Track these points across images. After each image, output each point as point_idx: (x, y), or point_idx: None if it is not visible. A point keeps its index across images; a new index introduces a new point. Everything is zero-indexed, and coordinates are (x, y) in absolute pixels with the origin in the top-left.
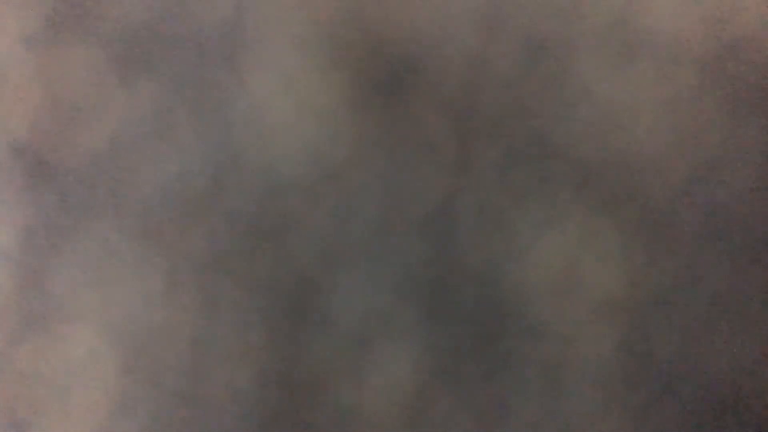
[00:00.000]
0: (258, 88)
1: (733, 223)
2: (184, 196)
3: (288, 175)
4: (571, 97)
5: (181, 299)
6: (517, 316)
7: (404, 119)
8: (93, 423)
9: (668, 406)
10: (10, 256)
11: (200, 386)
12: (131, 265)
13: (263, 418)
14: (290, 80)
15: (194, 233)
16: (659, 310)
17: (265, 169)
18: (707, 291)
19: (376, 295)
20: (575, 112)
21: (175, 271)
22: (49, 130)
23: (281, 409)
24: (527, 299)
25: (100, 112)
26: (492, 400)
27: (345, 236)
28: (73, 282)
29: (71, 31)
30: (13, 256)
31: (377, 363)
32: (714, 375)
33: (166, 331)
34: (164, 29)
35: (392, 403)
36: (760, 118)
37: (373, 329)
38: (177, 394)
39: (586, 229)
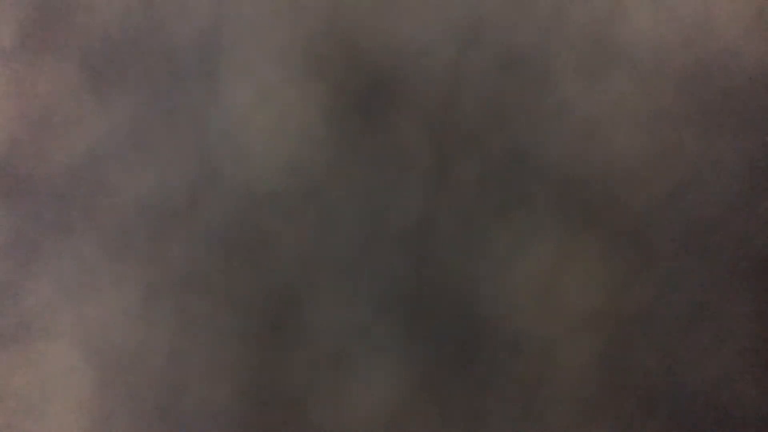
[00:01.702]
0: (235, 101)
1: (713, 234)
2: (161, 210)
3: (266, 189)
4: (550, 111)
5: (158, 315)
6: (497, 329)
7: (383, 132)
8: None
9: (650, 419)
10: None
11: (177, 403)
12: (107, 281)
13: None
14: (268, 93)
15: (171, 248)
16: (640, 322)
17: (243, 183)
18: (688, 303)
19: (356, 310)
20: (554, 125)
21: (151, 287)
22: (23, 143)
23: (260, 426)
24: (507, 313)
25: (76, 125)
26: (473, 414)
27: (324, 251)
28: (48, 298)
29: (45, 44)
30: None
31: (357, 378)
32: (695, 387)
33: (143, 347)
34: (140, 42)
35: (372, 418)
36: (739, 130)
37: (353, 344)
38: (154, 410)
39: (566, 242)
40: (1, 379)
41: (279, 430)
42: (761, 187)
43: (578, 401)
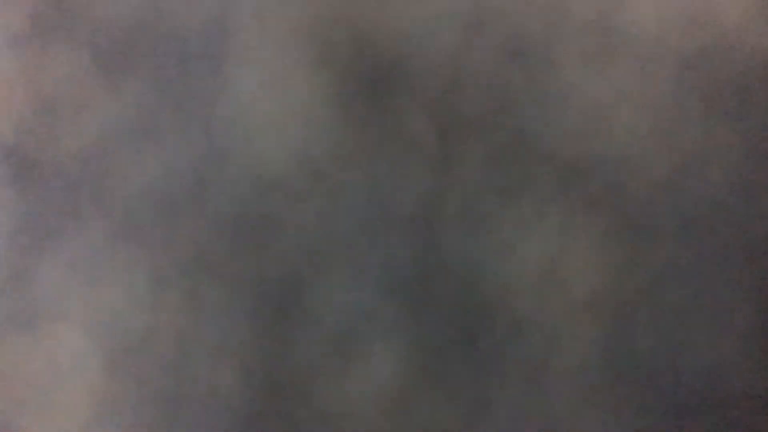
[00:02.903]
0: (242, 87)
1: (713, 219)
2: (169, 196)
3: (272, 174)
4: (552, 97)
5: (166, 299)
6: (500, 313)
7: (388, 118)
8: (77, 423)
9: (650, 401)
10: None
11: (185, 386)
12: (116, 265)
13: (248, 417)
14: (275, 80)
15: (179, 233)
16: (641, 306)
17: (250, 168)
18: (688, 287)
19: (361, 293)
20: (557, 111)
21: (159, 271)
22: (33, 130)
23: (265, 408)
24: (510, 296)
25: (85, 111)
26: (476, 396)
27: (329, 235)
28: (58, 282)
29: (56, 31)
30: None
31: (361, 361)
32: (696, 370)
33: (151, 331)
34: (148, 29)
35: (376, 400)
36: (739, 116)
37: (358, 327)
38: (161, 393)
39: (569, 226)
40: (12, 362)
41: (285, 413)
42: (762, 172)
43: (580, 385)
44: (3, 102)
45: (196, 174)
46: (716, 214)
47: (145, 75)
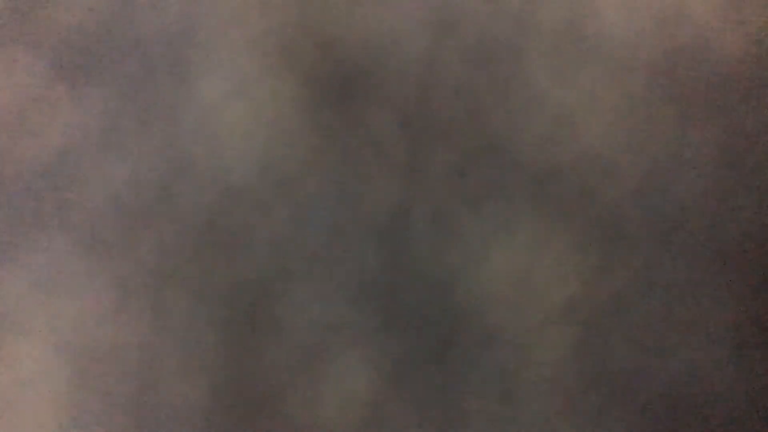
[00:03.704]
0: (207, 94)
1: (687, 224)
2: (134, 206)
3: (240, 182)
4: (522, 103)
5: (132, 311)
6: (472, 322)
7: (356, 125)
8: None
9: (625, 410)
10: None
11: (152, 399)
12: (80, 277)
13: (217, 431)
14: (240, 86)
15: (144, 244)
16: (614, 313)
17: (217, 176)
18: (662, 294)
19: (331, 303)
20: (527, 117)
21: (125, 282)
22: None
23: (235, 421)
24: (483, 305)
25: (48, 121)
26: (449, 407)
27: (298, 244)
28: (21, 294)
29: (17, 38)
30: None
31: (332, 372)
32: (670, 377)
33: (117, 344)
34: (112, 36)
35: (348, 412)
36: (710, 121)
37: (328, 338)
38: (128, 406)
39: (541, 234)
40: None
41: (254, 424)
42: (735, 176)
43: (554, 392)
44: None
45: (161, 183)
46: (690, 219)
47: (108, 84)
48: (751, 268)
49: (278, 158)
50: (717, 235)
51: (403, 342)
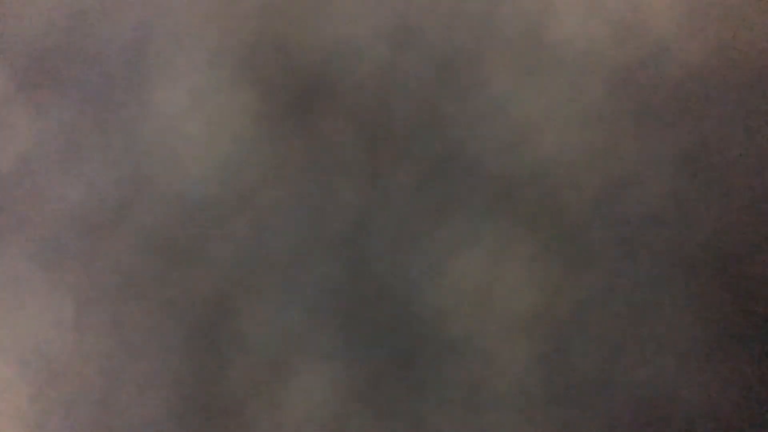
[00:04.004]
0: (166, 107)
1: (648, 233)
2: (93, 218)
3: (199, 195)
4: (483, 111)
5: (92, 325)
6: (435, 334)
7: (317, 136)
8: None
9: (590, 421)
10: None
11: (113, 414)
12: (40, 290)
13: None
14: (199, 99)
15: (104, 257)
16: (577, 324)
17: (175, 189)
18: (624, 303)
19: (293, 317)
20: (488, 126)
21: (84, 296)
22: None
23: None
24: (445, 317)
25: (7, 133)
26: (412, 420)
27: (258, 257)
28: None
29: None
30: None
31: (295, 386)
32: (632, 388)
33: (77, 359)
34: (70, 50)
35: (311, 426)
36: (671, 128)
37: (291, 352)
38: (89, 422)
39: (502, 244)
40: None
41: None
42: (697, 183)
43: (518, 403)
44: None
45: (121, 196)
46: (652, 228)
47: (67, 96)
48: (714, 276)
49: (238, 171)
50: (679, 244)
51: (367, 354)
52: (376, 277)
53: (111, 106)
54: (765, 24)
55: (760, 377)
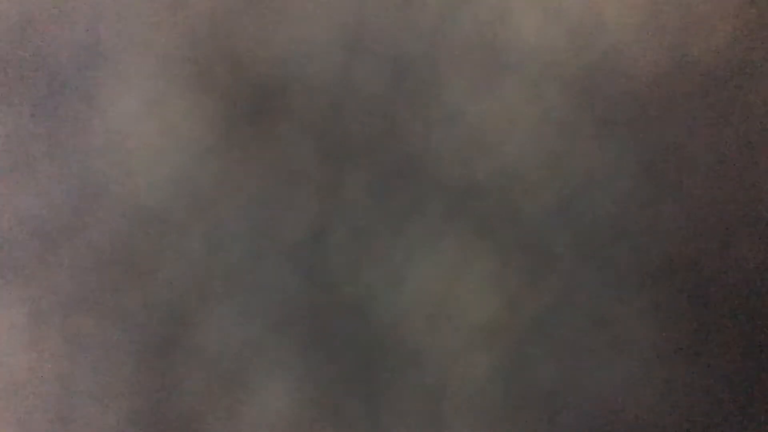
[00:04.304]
0: (117, 115)
1: (607, 240)
2: (45, 230)
3: (153, 204)
4: (439, 118)
5: (47, 337)
6: (394, 343)
7: (272, 143)
8: None
9: (550, 428)
10: None
11: (68, 428)
12: None
13: None
14: (151, 106)
15: (57, 269)
16: (538, 331)
17: (128, 198)
18: (586, 311)
19: (250, 326)
20: (444, 133)
21: (38, 308)
22: None
23: None
24: (404, 326)
25: None
26: (371, 430)
27: (215, 267)
28: None
29: None
30: None
31: (252, 396)
32: (595, 395)
33: (32, 372)
34: (18, 55)
35: None
36: (631, 132)
37: (248, 361)
38: None
39: (462, 252)
40: None
41: None
42: (657, 190)
43: (480, 412)
44: None
45: (73, 205)
46: (611, 234)
47: (16, 104)
48: (677, 283)
49: (192, 178)
50: (641, 248)
51: (325, 364)
52: (333, 286)
53: (61, 114)
54: (724, 27)
55: (723, 383)
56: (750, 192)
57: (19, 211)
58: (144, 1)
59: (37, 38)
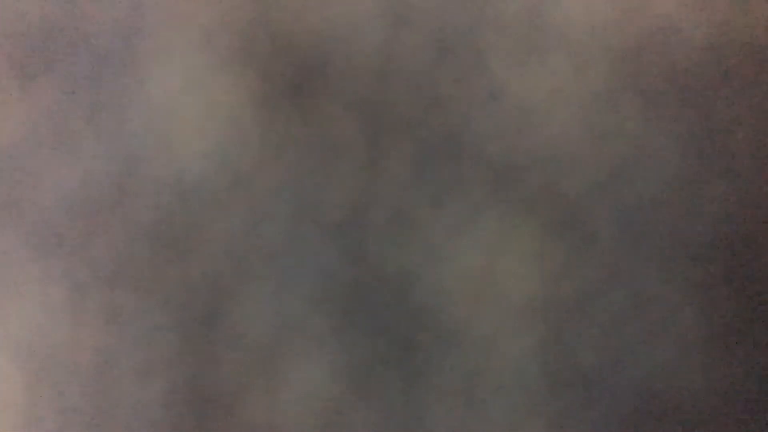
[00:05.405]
0: (159, 90)
1: (652, 219)
2: (86, 205)
3: (194, 180)
4: (483, 94)
5: (85, 312)
6: (433, 321)
7: (314, 119)
8: None
9: (589, 409)
10: None
11: (107, 402)
12: (33, 278)
13: None
14: (193, 81)
15: (97, 243)
16: (578, 310)
17: (170, 174)
18: (625, 291)
19: (289, 303)
20: (489, 110)
21: (78, 284)
22: None
23: (192, 423)
24: (444, 304)
25: None
26: (410, 409)
27: (255, 243)
28: None
29: None
30: None
31: (290, 374)
32: (634, 376)
33: (71, 346)
34: (59, 32)
35: (306, 415)
36: (676, 112)
37: (286, 339)
38: (83, 410)
39: (503, 230)
40: None
41: (211, 425)
42: (703, 170)
43: (519, 391)
44: None
45: (114, 181)
46: (655, 214)
47: (58, 80)
48: (720, 263)
49: (233, 155)
50: (685, 229)
51: (364, 342)
52: (374, 263)
53: (104, 90)
54: None
55: (761, 366)
56: None
57: (61, 187)
58: None
59: (80, 14)
